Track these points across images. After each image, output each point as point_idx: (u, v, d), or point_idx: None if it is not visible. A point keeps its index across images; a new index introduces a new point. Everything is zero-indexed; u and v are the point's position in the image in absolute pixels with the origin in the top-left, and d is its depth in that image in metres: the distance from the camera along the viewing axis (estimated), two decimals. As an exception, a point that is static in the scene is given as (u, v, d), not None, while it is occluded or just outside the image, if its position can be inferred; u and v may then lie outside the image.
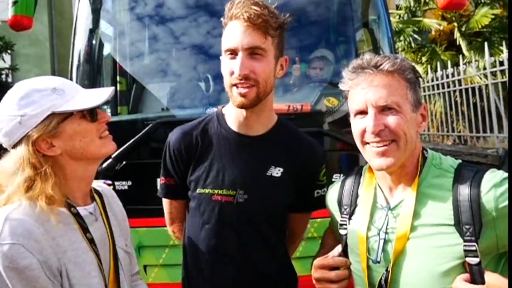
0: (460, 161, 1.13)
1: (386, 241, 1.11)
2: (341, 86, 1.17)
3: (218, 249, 1.42)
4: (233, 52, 1.30)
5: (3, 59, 10.33)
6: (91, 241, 1.16)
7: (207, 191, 1.41)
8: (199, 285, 1.48)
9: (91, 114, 1.18)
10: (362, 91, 1.09)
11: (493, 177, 1.04)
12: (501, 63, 5.25)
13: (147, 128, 2.33)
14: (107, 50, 2.96)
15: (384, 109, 1.07)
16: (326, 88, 2.80)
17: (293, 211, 1.53)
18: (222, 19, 1.36)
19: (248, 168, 1.40)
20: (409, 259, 1.07)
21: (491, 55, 5.84)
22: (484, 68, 5.51)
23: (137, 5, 2.88)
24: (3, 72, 10.29)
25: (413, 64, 1.15)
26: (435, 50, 8.59)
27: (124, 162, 2.35)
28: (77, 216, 1.16)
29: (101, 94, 1.22)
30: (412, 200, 1.08)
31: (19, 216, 1.04)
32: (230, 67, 1.31)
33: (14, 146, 1.12)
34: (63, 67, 13.59)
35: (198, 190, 1.42)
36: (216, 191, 1.40)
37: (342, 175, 2.51)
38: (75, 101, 1.16)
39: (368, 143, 1.10)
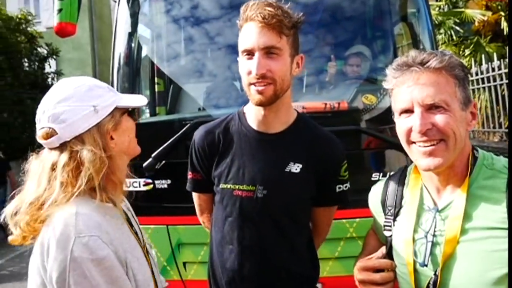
0: None
1: (434, 244, 1.07)
2: (385, 84, 1.12)
3: (240, 241, 1.48)
4: (250, 53, 1.35)
5: (49, 64, 10.92)
6: (136, 234, 1.21)
7: (228, 186, 1.48)
8: (223, 275, 1.52)
9: (134, 114, 1.26)
10: (408, 89, 1.04)
11: None
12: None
13: (185, 128, 2.37)
14: (145, 52, 3.04)
15: (431, 108, 1.03)
16: (363, 85, 2.73)
17: (316, 205, 1.57)
18: (237, 21, 1.40)
19: (267, 164, 1.46)
20: (459, 263, 1.02)
21: (541, 45, 5.46)
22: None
23: (174, 8, 2.93)
24: (49, 76, 10.87)
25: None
26: (479, 42, 8.17)
27: (163, 161, 2.41)
28: (122, 212, 1.21)
29: (141, 97, 1.30)
30: (462, 202, 1.03)
31: (87, 211, 1.06)
32: (247, 67, 1.35)
33: (78, 136, 1.11)
34: (102, 69, 14.18)
35: (221, 185, 1.50)
36: (237, 187, 1.46)
37: (381, 173, 2.46)
38: (126, 100, 1.23)
39: (414, 142, 1.06)
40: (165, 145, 2.37)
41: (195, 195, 1.68)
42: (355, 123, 2.50)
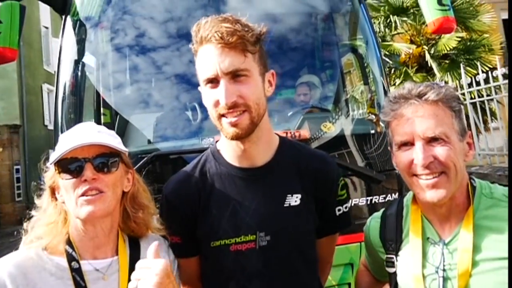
0: None
1: (445, 279, 1.04)
2: (382, 117, 1.13)
3: None
4: (213, 81, 1.14)
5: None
6: None
7: (222, 242, 1.23)
8: None
9: (67, 168, 1.10)
10: (408, 122, 1.05)
11: None
12: (478, 83, 5.45)
13: (141, 162, 2.20)
14: (92, 82, 2.84)
15: (431, 140, 1.03)
16: (322, 113, 2.78)
17: (318, 237, 1.35)
18: (190, 45, 1.20)
19: (263, 204, 1.23)
20: None
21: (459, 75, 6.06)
22: (462, 88, 5.70)
23: (121, 36, 2.82)
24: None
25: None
26: (407, 73, 8.90)
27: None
28: (76, 271, 1.06)
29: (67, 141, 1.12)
30: (470, 233, 1.03)
31: (4, 261, 1.05)
32: (213, 98, 1.15)
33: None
34: (31, 99, 13.10)
35: (212, 244, 1.24)
36: (233, 241, 1.22)
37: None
38: (56, 150, 1.13)
39: (415, 175, 1.06)
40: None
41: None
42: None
